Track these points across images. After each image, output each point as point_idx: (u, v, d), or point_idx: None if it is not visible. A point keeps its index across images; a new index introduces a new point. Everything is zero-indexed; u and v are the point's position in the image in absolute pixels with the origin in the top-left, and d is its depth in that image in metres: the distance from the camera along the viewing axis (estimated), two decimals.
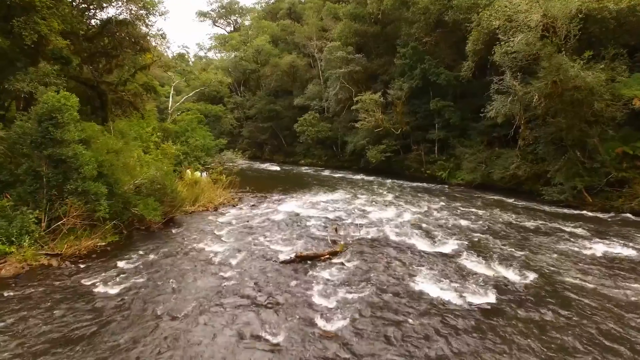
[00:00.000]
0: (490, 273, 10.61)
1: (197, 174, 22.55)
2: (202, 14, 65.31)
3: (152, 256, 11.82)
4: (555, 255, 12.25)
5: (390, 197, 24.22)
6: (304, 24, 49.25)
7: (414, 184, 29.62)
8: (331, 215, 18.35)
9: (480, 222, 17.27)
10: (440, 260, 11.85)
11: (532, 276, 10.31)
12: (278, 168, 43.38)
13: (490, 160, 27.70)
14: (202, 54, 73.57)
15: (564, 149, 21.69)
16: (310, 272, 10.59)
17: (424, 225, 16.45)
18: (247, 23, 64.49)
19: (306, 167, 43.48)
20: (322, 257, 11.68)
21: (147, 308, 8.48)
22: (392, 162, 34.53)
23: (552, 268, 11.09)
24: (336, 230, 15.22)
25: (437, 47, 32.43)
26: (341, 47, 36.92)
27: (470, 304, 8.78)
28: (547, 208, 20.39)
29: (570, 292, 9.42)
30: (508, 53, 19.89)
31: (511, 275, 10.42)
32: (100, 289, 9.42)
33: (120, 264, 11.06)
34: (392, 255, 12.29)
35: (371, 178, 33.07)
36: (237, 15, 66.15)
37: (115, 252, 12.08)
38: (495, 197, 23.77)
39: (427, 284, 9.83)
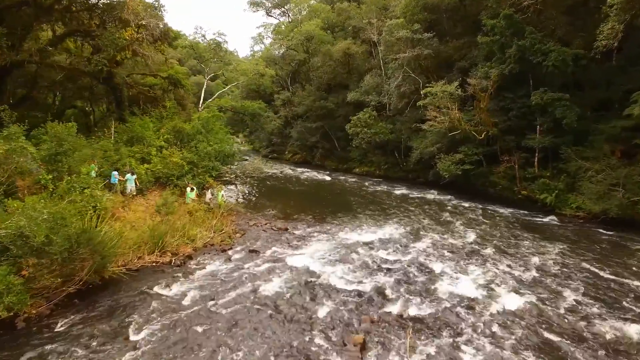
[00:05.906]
0: None
1: (189, 194, 15.80)
2: (255, 4, 59.35)
3: None
4: None
5: (471, 236, 16.00)
6: (363, 4, 41.11)
7: (505, 211, 20.70)
8: (368, 284, 10.67)
9: None
10: None
11: None
12: (328, 178, 35.59)
13: (631, 182, 17.88)
14: (257, 48, 68.24)
15: None
16: None
17: (553, 335, 8.07)
18: (303, 13, 57.68)
19: (360, 178, 35.22)
20: None
21: None
22: (471, 176, 25.39)
23: None
24: (362, 346, 7.40)
25: (542, 15, 22.88)
26: (405, 25, 28.26)
27: None
28: None
29: None
30: None
31: None
32: None
33: None
34: None
35: (442, 198, 24.46)
36: (292, 3, 59.64)
37: None
38: None
39: None
